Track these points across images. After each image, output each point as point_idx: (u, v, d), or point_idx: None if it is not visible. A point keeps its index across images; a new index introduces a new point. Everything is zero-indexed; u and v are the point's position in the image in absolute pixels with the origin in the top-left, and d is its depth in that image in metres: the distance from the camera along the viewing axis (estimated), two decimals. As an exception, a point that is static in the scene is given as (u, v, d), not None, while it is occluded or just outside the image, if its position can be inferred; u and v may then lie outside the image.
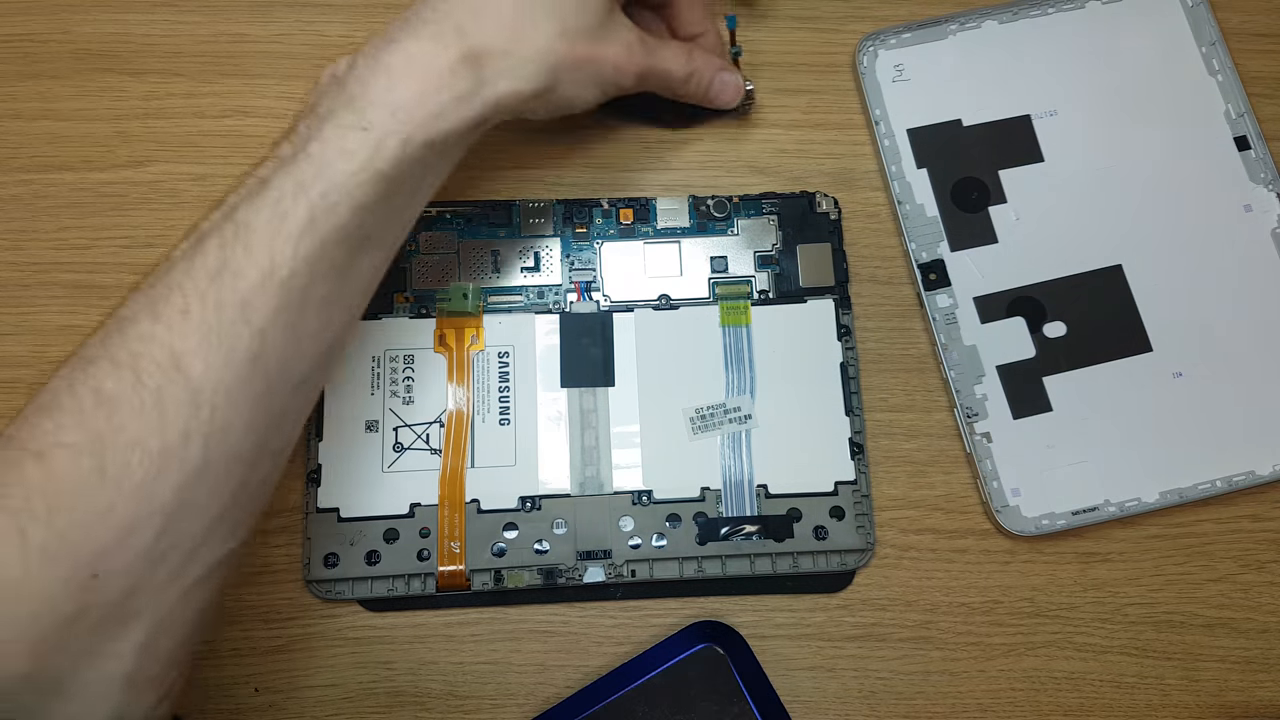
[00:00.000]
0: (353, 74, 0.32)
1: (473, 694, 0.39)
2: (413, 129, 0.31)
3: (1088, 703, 0.40)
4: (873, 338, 0.44)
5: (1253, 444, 0.42)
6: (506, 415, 0.41)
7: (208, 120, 0.45)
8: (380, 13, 0.46)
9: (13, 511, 0.26)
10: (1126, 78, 0.46)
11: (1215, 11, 0.47)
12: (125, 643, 0.28)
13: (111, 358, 0.29)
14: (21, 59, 0.45)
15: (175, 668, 0.30)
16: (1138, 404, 0.43)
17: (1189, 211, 0.45)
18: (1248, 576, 0.42)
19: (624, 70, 0.38)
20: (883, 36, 0.46)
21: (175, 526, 0.28)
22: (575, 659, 0.40)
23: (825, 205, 0.44)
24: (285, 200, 0.30)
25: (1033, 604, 0.41)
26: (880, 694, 0.40)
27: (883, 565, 0.41)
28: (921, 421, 0.43)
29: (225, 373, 0.29)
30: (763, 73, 0.46)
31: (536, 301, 0.43)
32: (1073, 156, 0.45)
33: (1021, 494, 0.42)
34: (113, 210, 0.44)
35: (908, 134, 0.45)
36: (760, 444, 0.41)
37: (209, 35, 0.46)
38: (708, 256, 0.44)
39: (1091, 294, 0.44)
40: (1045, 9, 0.47)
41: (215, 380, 0.29)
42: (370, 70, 0.32)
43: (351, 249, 0.31)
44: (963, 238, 0.44)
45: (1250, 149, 0.45)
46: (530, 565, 0.40)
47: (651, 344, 0.42)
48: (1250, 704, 0.40)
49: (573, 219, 0.44)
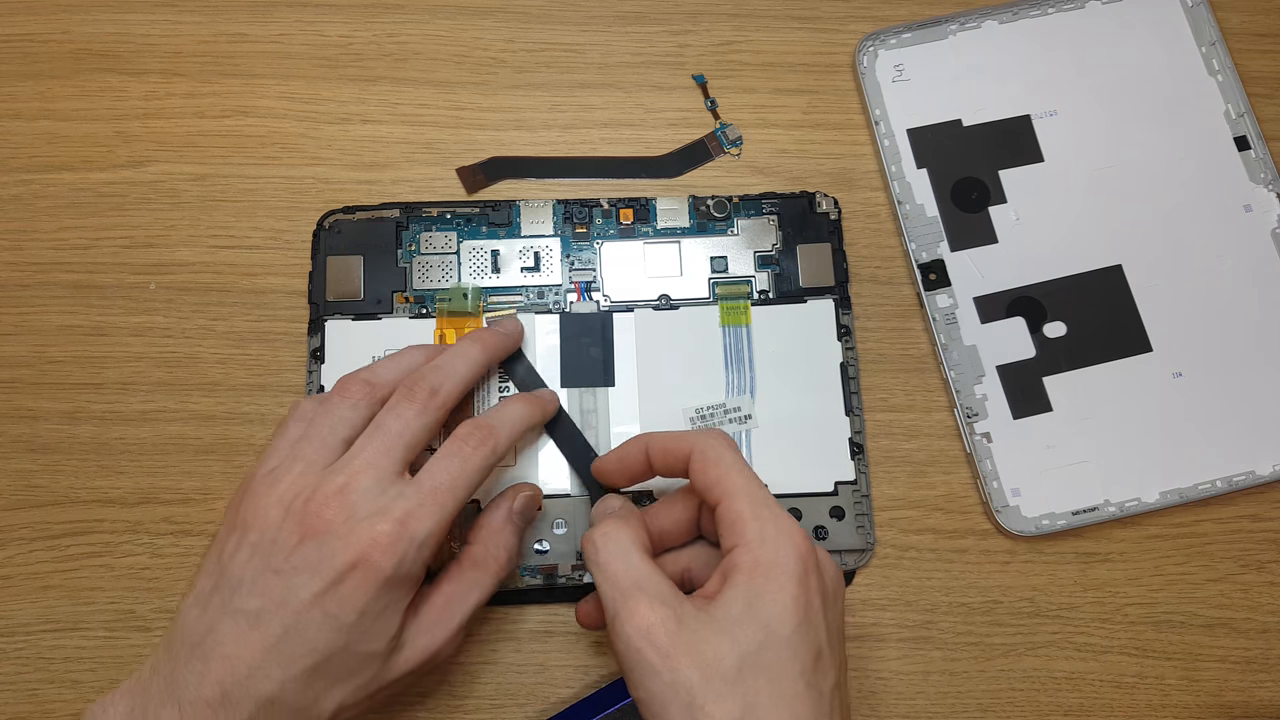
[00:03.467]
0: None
1: (473, 694, 0.39)
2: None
3: (1088, 703, 0.40)
4: (873, 338, 0.44)
5: (1253, 444, 0.42)
6: (506, 415, 0.41)
7: (208, 120, 0.45)
8: (380, 13, 0.46)
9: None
10: (1126, 78, 0.46)
11: (1215, 11, 0.47)
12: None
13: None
14: (21, 59, 0.45)
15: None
16: (1138, 404, 0.43)
17: (1189, 211, 0.45)
18: (1248, 576, 0.42)
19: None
20: (883, 36, 0.46)
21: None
22: (575, 659, 0.40)
23: (825, 205, 0.44)
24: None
25: (1033, 604, 0.41)
26: (880, 694, 0.40)
27: (882, 565, 0.41)
28: (921, 421, 0.43)
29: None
30: (763, 73, 0.46)
31: (536, 301, 0.43)
32: (1073, 156, 0.45)
33: (1021, 494, 0.42)
34: (113, 210, 0.44)
35: (908, 134, 0.45)
36: (760, 444, 0.41)
37: (209, 35, 0.46)
38: (708, 256, 0.44)
39: (1091, 294, 0.44)
40: (1045, 9, 0.47)
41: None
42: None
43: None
44: (963, 238, 0.44)
45: (1250, 149, 0.45)
46: (530, 565, 0.40)
47: (651, 344, 0.42)
48: (1250, 704, 0.40)
49: (573, 219, 0.44)
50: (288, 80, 0.45)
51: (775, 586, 0.30)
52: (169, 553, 0.40)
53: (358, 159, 0.45)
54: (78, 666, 0.39)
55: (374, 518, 0.32)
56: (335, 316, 0.42)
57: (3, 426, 0.41)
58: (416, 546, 0.32)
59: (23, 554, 0.40)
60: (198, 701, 0.30)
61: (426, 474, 0.34)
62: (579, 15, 0.47)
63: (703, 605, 0.31)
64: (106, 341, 0.42)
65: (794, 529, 0.31)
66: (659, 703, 0.29)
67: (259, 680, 0.31)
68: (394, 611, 0.32)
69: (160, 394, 0.42)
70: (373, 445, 0.34)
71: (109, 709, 0.31)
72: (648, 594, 0.31)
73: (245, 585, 0.32)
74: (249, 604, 0.31)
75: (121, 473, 0.41)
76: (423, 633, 0.34)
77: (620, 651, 0.31)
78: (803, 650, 0.30)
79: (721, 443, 0.34)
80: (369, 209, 0.43)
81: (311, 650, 0.31)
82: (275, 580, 0.31)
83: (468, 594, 0.35)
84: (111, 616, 0.40)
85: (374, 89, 0.45)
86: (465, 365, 0.37)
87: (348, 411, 0.35)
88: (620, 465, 0.37)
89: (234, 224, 0.44)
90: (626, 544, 0.32)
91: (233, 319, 0.43)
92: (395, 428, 0.34)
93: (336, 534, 0.31)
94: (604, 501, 0.37)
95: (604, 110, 0.46)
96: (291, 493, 0.33)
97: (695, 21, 0.47)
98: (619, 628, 0.30)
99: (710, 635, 0.30)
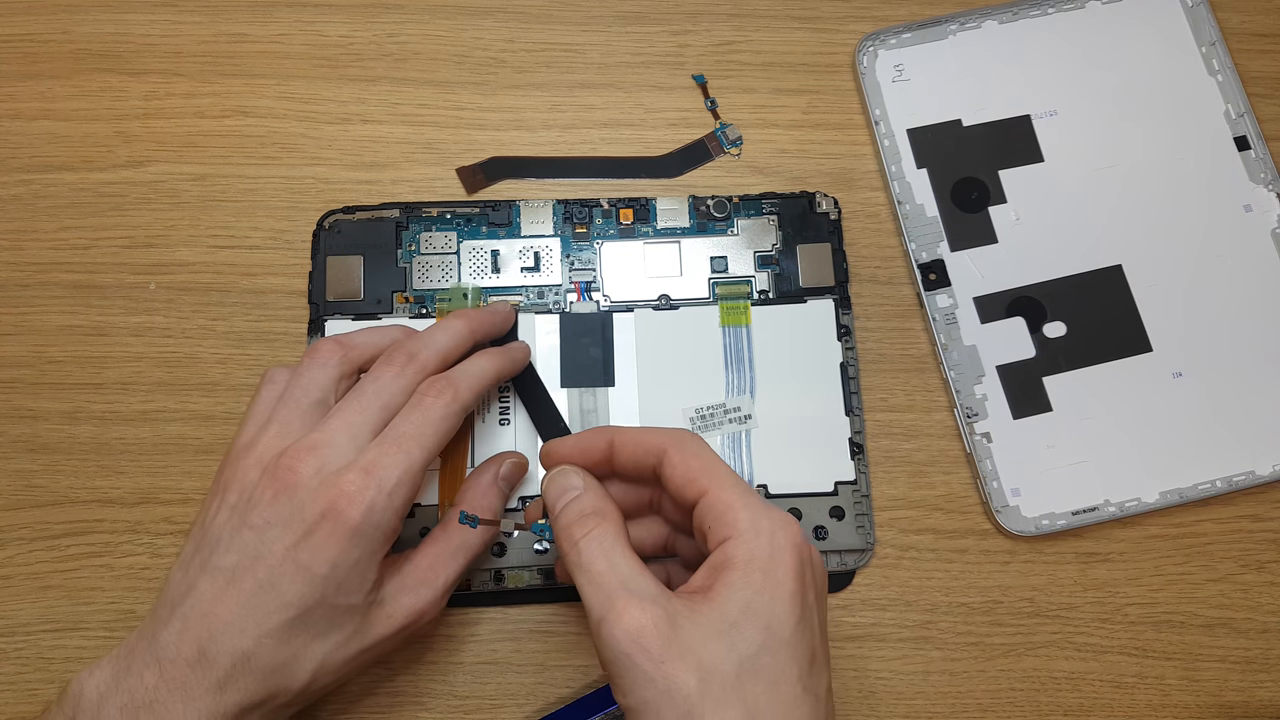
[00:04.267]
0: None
1: (473, 694, 0.39)
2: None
3: (1088, 703, 0.40)
4: (873, 338, 0.44)
5: (1253, 444, 0.42)
6: (506, 415, 0.41)
7: (208, 120, 0.45)
8: (380, 13, 0.46)
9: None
10: (1126, 78, 0.46)
11: (1215, 11, 0.47)
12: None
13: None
14: (21, 59, 0.45)
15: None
16: (1138, 404, 0.43)
17: (1189, 211, 0.45)
18: (1248, 576, 0.42)
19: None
20: (883, 36, 0.46)
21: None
22: (575, 659, 0.40)
23: (825, 205, 0.44)
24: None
25: (1033, 604, 0.41)
26: (880, 694, 0.40)
27: (883, 565, 0.41)
28: (921, 421, 0.43)
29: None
30: (763, 73, 0.46)
31: (536, 301, 0.43)
32: (1073, 156, 0.45)
33: (1021, 494, 0.42)
34: (113, 210, 0.44)
35: (908, 134, 0.45)
36: (760, 444, 0.41)
37: (209, 35, 0.46)
38: (708, 256, 0.44)
39: (1091, 294, 0.44)
40: (1045, 9, 0.47)
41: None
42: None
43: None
44: (963, 238, 0.44)
45: (1250, 149, 0.45)
46: (530, 565, 0.40)
47: (651, 344, 0.42)
48: (1250, 704, 0.40)
49: (573, 219, 0.44)
50: (288, 80, 0.45)
51: (773, 583, 0.29)
52: (169, 553, 0.40)
53: (358, 159, 0.45)
54: (78, 666, 0.39)
55: (343, 470, 0.32)
56: (335, 316, 0.42)
57: (3, 426, 0.41)
58: (386, 495, 0.32)
59: (23, 554, 0.40)
60: (176, 659, 0.30)
61: (391, 427, 0.34)
62: (579, 15, 0.47)
63: (694, 604, 0.29)
64: (106, 341, 0.42)
65: (788, 520, 0.30)
66: (652, 711, 0.27)
67: (234, 636, 0.31)
68: (368, 563, 0.32)
69: (160, 394, 0.42)
70: (349, 405, 0.34)
71: (95, 674, 0.31)
72: (636, 594, 0.29)
73: (223, 543, 0.32)
74: (225, 561, 0.32)
75: (121, 473, 0.41)
76: (407, 590, 0.34)
77: (608, 658, 0.28)
78: (800, 653, 0.29)
79: (699, 439, 0.33)
80: (369, 209, 0.43)
81: (286, 604, 0.31)
82: (250, 535, 0.32)
83: (455, 555, 0.35)
84: (111, 616, 0.40)
85: (374, 89, 0.45)
86: (446, 336, 0.37)
87: (317, 372, 0.35)
88: (578, 454, 0.34)
89: (234, 224, 0.44)
90: (609, 541, 0.31)
91: (233, 319, 0.43)
92: (372, 389, 0.34)
93: (308, 487, 0.32)
94: (561, 480, 0.33)
95: (604, 110, 0.46)
96: (269, 453, 0.33)
97: (695, 21, 0.47)
98: (606, 631, 0.28)
99: (706, 638, 0.28)
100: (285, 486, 0.32)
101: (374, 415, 0.34)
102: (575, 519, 0.32)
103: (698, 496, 0.31)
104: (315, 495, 0.32)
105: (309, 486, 0.32)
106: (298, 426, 0.34)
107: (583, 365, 0.42)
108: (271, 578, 0.31)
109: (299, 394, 0.35)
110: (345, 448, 0.33)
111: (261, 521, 0.32)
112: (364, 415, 0.34)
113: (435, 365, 0.36)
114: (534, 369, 0.41)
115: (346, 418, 0.33)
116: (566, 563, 0.31)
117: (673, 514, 0.35)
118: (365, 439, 0.33)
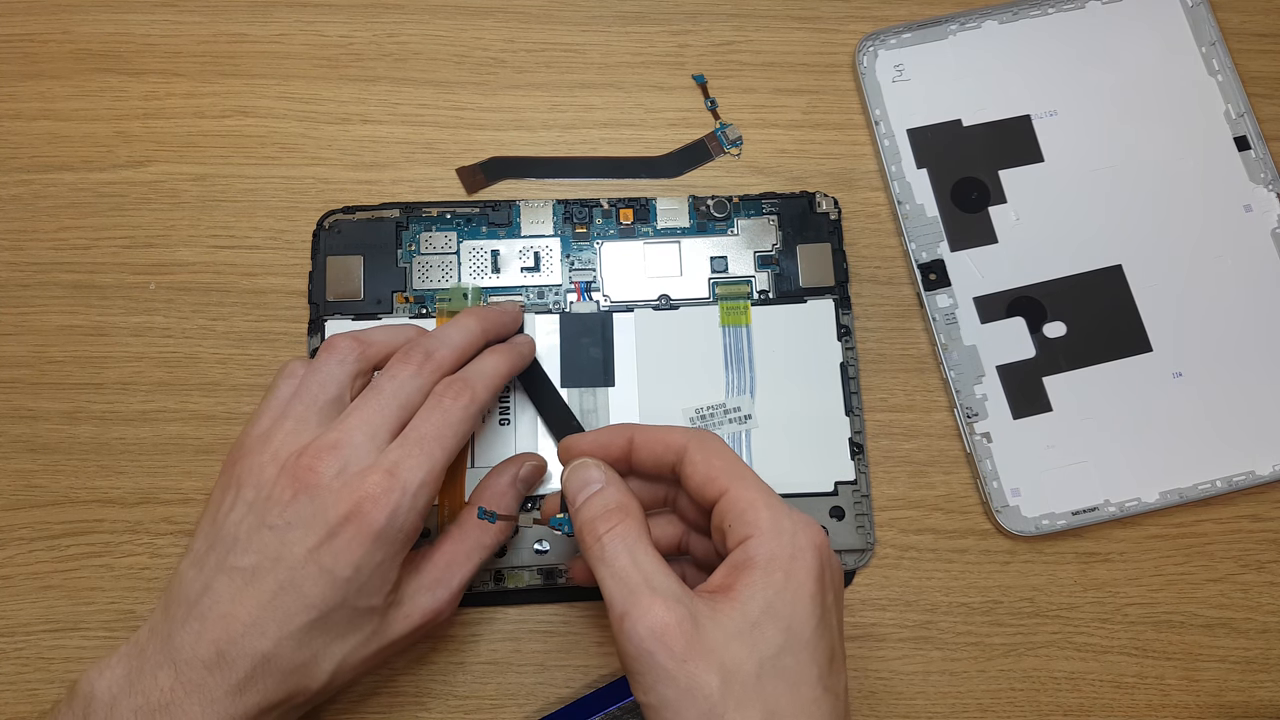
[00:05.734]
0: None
1: (473, 694, 0.39)
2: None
3: (1088, 703, 0.40)
4: (873, 338, 0.44)
5: (1253, 444, 0.42)
6: (506, 416, 0.41)
7: (208, 120, 0.45)
8: (380, 13, 0.46)
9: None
10: (1126, 78, 0.46)
11: (1215, 11, 0.47)
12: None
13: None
14: (21, 59, 0.45)
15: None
16: (1138, 404, 0.43)
17: (1189, 211, 0.45)
18: (1248, 576, 0.42)
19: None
20: (883, 36, 0.46)
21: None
22: (575, 659, 0.40)
23: (825, 205, 0.44)
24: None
25: (1033, 604, 0.41)
26: (880, 694, 0.40)
27: (883, 565, 0.41)
28: (921, 421, 0.43)
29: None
30: (763, 73, 0.46)
31: (536, 301, 0.43)
32: (1073, 156, 0.45)
33: (1021, 494, 0.42)
34: (113, 210, 0.44)
35: (908, 134, 0.45)
36: (760, 444, 0.41)
37: (209, 35, 0.46)
38: (708, 256, 0.44)
39: (1091, 294, 0.44)
40: (1045, 9, 0.47)
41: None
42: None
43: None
44: (963, 238, 0.44)
45: (1250, 149, 0.45)
46: (530, 565, 0.40)
47: (651, 344, 0.42)
48: (1250, 704, 0.40)
49: (573, 219, 0.44)
50: (287, 80, 0.45)
51: (795, 584, 0.29)
52: (169, 553, 0.40)
53: (358, 159, 0.45)
54: (78, 666, 0.39)
55: (365, 471, 0.32)
56: (335, 316, 0.42)
57: (3, 426, 0.41)
58: (409, 497, 0.32)
59: (23, 554, 0.40)
60: (193, 662, 0.30)
61: (411, 428, 0.34)
62: (579, 15, 0.47)
63: (716, 603, 0.29)
64: (106, 341, 0.42)
65: (809, 521, 0.31)
66: (672, 710, 0.28)
67: (254, 638, 0.30)
68: (390, 565, 0.32)
69: (160, 394, 0.42)
70: (367, 404, 0.34)
71: (106, 673, 0.31)
72: (660, 592, 0.29)
73: (240, 542, 0.32)
74: (244, 561, 0.31)
75: (121, 473, 0.41)
76: (424, 590, 0.34)
77: (629, 654, 0.29)
78: (820, 653, 0.29)
79: (720, 439, 0.33)
80: (369, 209, 0.43)
81: (308, 606, 0.31)
82: (269, 536, 0.31)
83: (470, 554, 0.35)
84: (111, 616, 0.40)
85: (374, 89, 0.45)
86: (460, 334, 0.37)
87: (335, 368, 0.35)
88: (598, 450, 0.34)
89: (234, 224, 0.44)
90: (633, 538, 0.31)
91: (233, 319, 0.43)
92: (390, 388, 0.34)
93: (329, 488, 0.31)
94: (582, 473, 0.33)
95: (604, 110, 0.46)
96: (285, 449, 0.33)
97: (695, 21, 0.47)
98: (629, 628, 0.28)
99: (728, 637, 0.28)
100: (305, 486, 0.32)
101: (392, 415, 0.34)
102: (599, 514, 0.31)
103: (718, 495, 0.31)
104: (338, 497, 0.31)
105: (331, 487, 0.32)
106: (314, 423, 0.34)
107: (583, 365, 0.42)
108: (293, 579, 0.31)
109: (316, 389, 0.34)
110: (365, 448, 0.33)
111: (281, 522, 0.31)
112: (382, 415, 0.33)
113: (451, 364, 0.36)
114: (539, 365, 0.41)
115: (365, 416, 0.33)
116: (588, 557, 0.31)
117: (689, 512, 0.35)
118: (384, 439, 0.33)
